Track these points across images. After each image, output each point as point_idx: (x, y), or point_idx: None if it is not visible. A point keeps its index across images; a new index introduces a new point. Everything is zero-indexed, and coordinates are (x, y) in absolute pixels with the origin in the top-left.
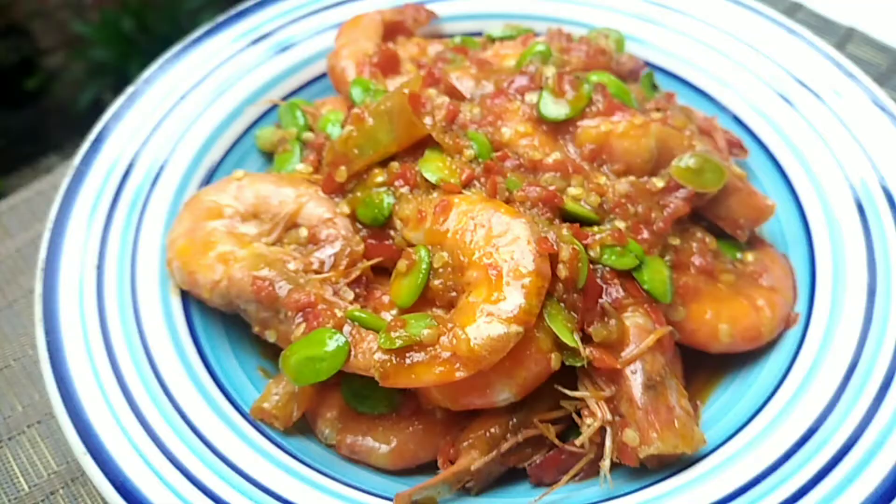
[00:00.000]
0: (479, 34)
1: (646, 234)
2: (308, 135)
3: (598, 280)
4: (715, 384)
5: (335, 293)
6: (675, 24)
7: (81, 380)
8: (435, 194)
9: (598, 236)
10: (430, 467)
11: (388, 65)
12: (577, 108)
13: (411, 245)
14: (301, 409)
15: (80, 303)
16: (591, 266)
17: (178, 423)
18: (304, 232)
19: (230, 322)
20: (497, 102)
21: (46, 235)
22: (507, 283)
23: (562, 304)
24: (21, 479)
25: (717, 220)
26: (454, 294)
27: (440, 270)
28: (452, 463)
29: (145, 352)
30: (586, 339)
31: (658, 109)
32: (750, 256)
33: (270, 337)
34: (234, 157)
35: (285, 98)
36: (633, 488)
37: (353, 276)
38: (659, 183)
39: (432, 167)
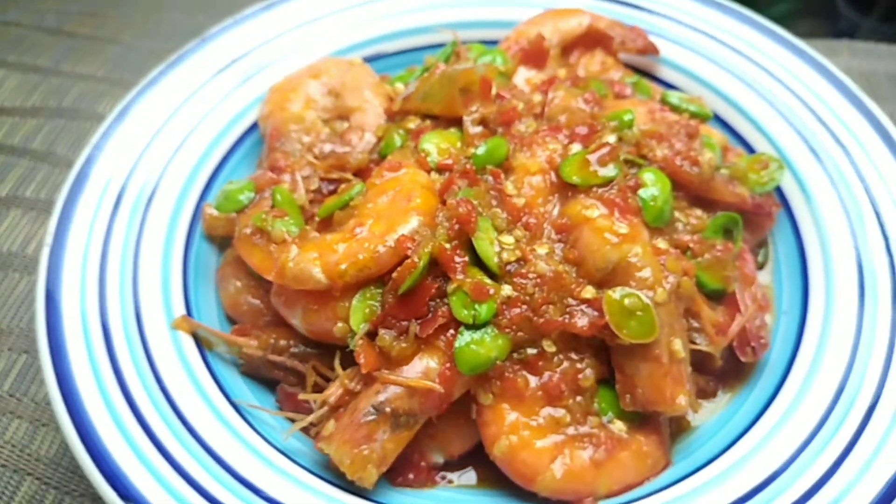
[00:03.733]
0: None
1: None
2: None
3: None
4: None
5: (307, 177)
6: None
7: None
8: (412, 160)
9: (465, 281)
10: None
11: (536, 56)
12: (588, 182)
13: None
14: None
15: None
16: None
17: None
18: (343, 126)
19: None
20: (543, 134)
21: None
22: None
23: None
24: None
25: (617, 380)
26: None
27: (353, 204)
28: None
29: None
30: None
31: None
32: (621, 425)
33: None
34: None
35: None
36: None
37: (328, 174)
38: (584, 293)
39: (434, 139)
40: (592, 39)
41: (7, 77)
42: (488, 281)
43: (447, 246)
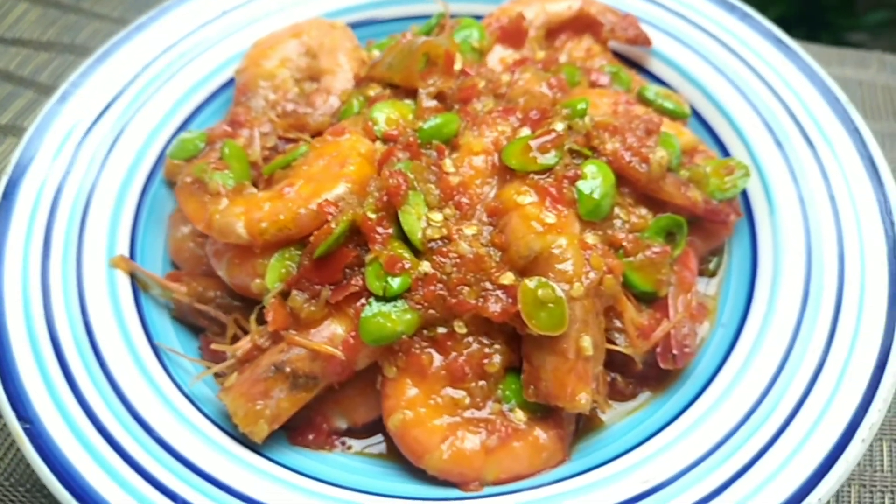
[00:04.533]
0: None
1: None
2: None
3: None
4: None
5: (265, 134)
6: None
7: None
8: (360, 127)
9: (381, 252)
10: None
11: (515, 36)
12: (525, 168)
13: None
14: None
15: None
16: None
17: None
18: (313, 87)
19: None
20: (495, 115)
21: None
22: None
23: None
24: None
25: (523, 370)
26: None
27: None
28: None
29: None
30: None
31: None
32: (521, 414)
33: None
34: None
35: None
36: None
37: (286, 133)
38: (503, 279)
39: (386, 108)
40: (582, 24)
41: (29, 10)
42: (407, 255)
43: (372, 216)
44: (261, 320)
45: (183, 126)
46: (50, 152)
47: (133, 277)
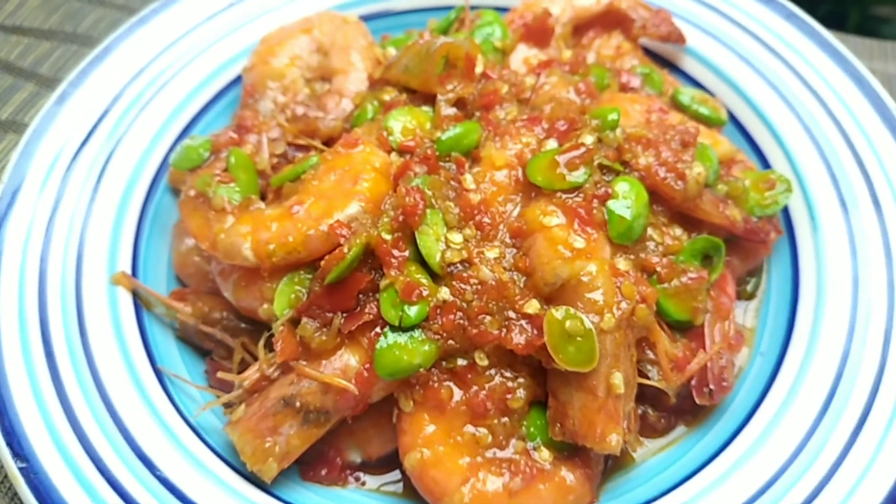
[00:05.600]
0: None
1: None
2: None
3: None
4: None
5: (274, 140)
6: None
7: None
8: (374, 137)
9: (397, 278)
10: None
11: (540, 34)
12: (551, 186)
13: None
14: None
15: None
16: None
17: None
18: (324, 88)
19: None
20: (519, 125)
21: None
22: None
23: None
24: None
25: (549, 406)
26: None
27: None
28: None
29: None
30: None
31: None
32: (546, 453)
33: None
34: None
35: None
36: None
37: (296, 139)
38: (527, 307)
39: (402, 116)
40: (611, 20)
41: None
42: (424, 281)
43: (387, 237)
44: (270, 346)
45: (188, 128)
46: (47, 159)
47: (135, 295)
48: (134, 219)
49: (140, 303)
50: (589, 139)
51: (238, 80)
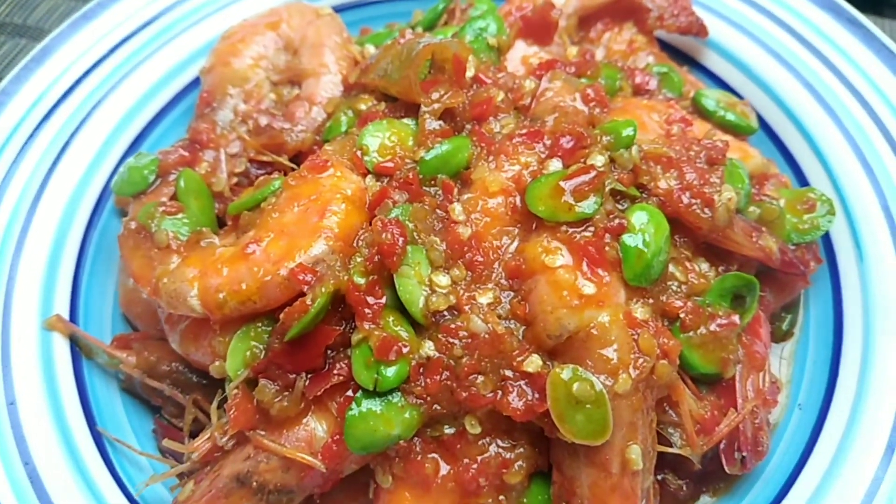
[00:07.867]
0: None
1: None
2: None
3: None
4: None
5: (234, 156)
6: None
7: None
8: (347, 157)
9: (372, 333)
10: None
11: (541, 29)
12: (555, 218)
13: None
14: None
15: None
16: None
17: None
18: (293, 93)
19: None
20: (516, 141)
21: None
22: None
23: None
24: None
25: (553, 480)
26: None
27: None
28: None
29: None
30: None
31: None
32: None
33: None
34: None
35: None
36: None
37: (259, 156)
38: (527, 364)
39: (380, 131)
40: (623, 9)
41: None
42: (405, 334)
43: (361, 282)
44: (223, 408)
45: (139, 139)
46: None
47: (73, 341)
48: (74, 248)
49: (79, 350)
50: (599, 160)
51: (196, 81)
